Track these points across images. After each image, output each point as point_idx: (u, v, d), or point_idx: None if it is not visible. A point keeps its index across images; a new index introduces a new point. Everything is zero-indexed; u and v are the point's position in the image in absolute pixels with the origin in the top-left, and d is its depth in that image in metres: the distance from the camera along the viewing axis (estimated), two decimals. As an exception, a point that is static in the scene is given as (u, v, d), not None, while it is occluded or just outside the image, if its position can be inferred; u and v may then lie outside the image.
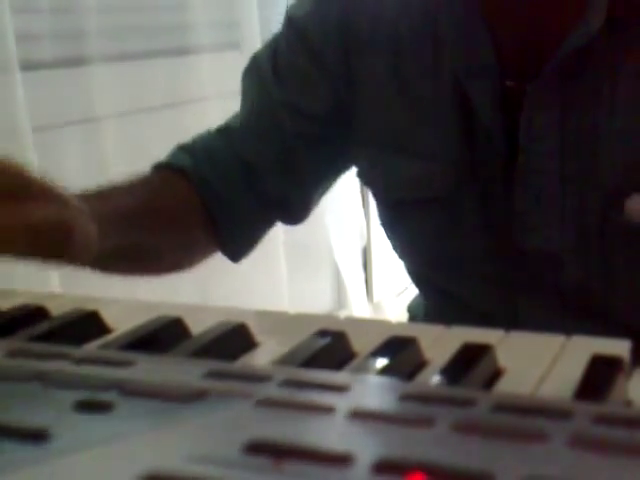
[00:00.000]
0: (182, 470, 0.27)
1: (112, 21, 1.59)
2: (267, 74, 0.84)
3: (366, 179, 0.85)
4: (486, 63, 0.72)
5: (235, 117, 0.86)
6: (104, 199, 0.66)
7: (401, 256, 0.87)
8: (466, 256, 0.78)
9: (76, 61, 1.53)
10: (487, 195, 0.75)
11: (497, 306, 0.79)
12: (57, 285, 1.40)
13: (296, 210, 0.87)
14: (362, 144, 0.82)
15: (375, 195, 0.86)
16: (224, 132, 0.84)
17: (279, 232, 1.90)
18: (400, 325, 0.54)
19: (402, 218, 0.82)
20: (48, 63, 1.50)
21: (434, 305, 0.89)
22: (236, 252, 0.85)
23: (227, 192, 0.81)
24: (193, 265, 0.83)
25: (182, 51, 1.73)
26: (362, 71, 0.80)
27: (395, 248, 0.86)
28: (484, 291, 0.79)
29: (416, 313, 0.94)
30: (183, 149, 0.83)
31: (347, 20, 0.80)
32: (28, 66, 1.41)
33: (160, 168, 0.82)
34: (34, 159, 1.38)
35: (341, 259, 2.30)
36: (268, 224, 0.87)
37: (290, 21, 0.84)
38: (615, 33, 0.68)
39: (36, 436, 0.30)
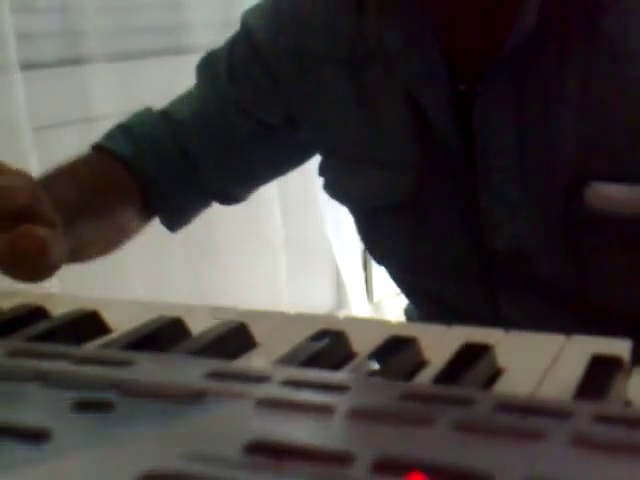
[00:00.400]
0: (182, 470, 0.27)
1: (111, 21, 1.59)
2: (222, 72, 0.85)
3: (332, 190, 0.86)
4: (436, 68, 0.73)
5: (181, 105, 0.87)
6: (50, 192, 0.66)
7: (379, 262, 0.88)
8: (441, 258, 0.79)
9: (76, 61, 1.53)
10: (452, 198, 0.76)
11: (477, 302, 0.80)
12: (57, 285, 1.40)
13: (233, 198, 0.91)
14: (325, 156, 0.84)
15: (345, 205, 0.87)
16: (168, 120, 0.86)
17: (279, 232, 1.90)
18: (400, 325, 0.54)
19: (373, 225, 0.84)
20: (48, 63, 1.50)
21: (421, 308, 0.89)
22: (172, 225, 0.89)
23: (167, 184, 0.84)
24: (120, 247, 0.85)
25: (181, 51, 1.73)
26: (319, 86, 0.81)
27: (371, 253, 0.88)
28: (464, 291, 0.80)
29: (412, 316, 0.95)
30: (125, 133, 0.84)
31: (301, 36, 0.81)
32: (28, 66, 1.41)
33: (101, 152, 0.84)
34: (34, 158, 1.38)
35: (341, 259, 2.30)
36: (204, 206, 0.90)
37: (245, 28, 0.85)
38: (554, 28, 0.68)
39: (36, 436, 0.30)
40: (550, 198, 0.72)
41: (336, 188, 0.85)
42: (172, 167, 0.84)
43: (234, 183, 0.88)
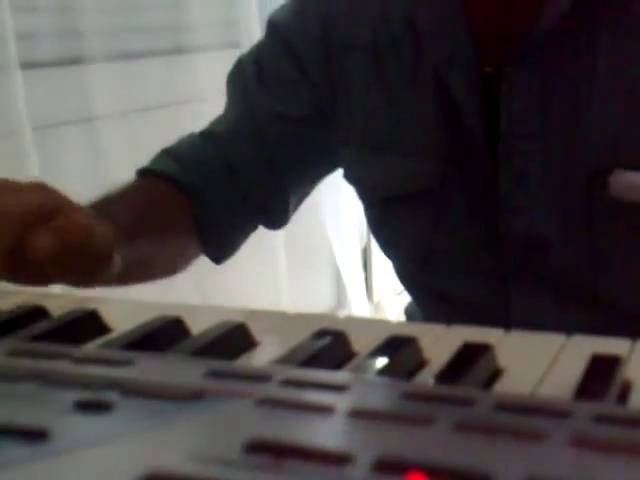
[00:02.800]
0: (182, 470, 0.27)
1: (111, 20, 1.59)
2: (251, 81, 0.85)
3: (353, 179, 0.86)
4: (464, 51, 0.73)
5: (219, 122, 0.87)
6: (103, 215, 0.66)
7: (390, 257, 0.87)
8: (455, 249, 0.79)
9: (75, 60, 1.53)
10: (472, 185, 0.76)
11: (489, 299, 0.79)
12: (57, 286, 1.40)
13: (276, 214, 0.88)
14: (348, 145, 0.83)
15: (362, 195, 0.87)
16: (209, 136, 0.85)
17: (280, 232, 1.90)
18: (400, 325, 0.54)
19: (390, 216, 0.83)
20: (48, 62, 1.50)
21: (427, 307, 0.89)
22: (219, 255, 0.87)
23: (213, 198, 0.82)
24: (183, 269, 0.84)
25: (181, 50, 1.73)
26: (344, 74, 0.81)
27: (384, 249, 0.87)
28: (475, 285, 0.80)
29: (413, 316, 0.95)
30: (168, 154, 0.84)
31: (328, 24, 0.82)
32: (28, 65, 1.41)
33: (146, 174, 0.82)
34: (34, 158, 1.38)
35: (341, 259, 2.30)
36: (251, 228, 0.88)
37: (272, 26, 0.86)
38: (586, 11, 0.68)
39: (36, 436, 0.30)
40: (572, 185, 0.71)
41: (356, 176, 0.85)
42: (217, 181, 0.83)
43: (274, 194, 0.86)
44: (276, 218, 0.88)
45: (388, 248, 0.87)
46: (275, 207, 0.87)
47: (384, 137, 0.80)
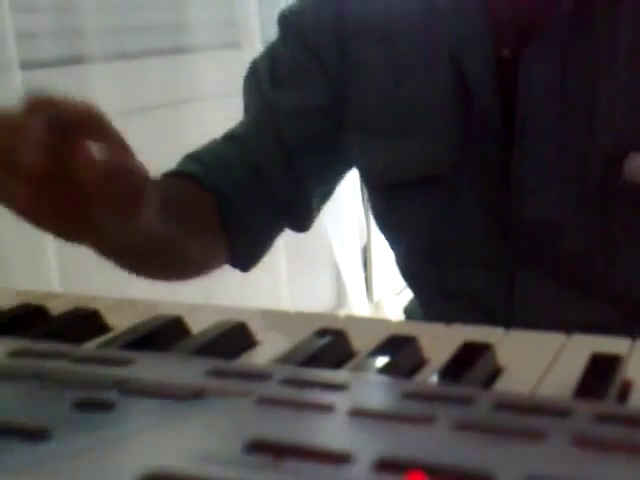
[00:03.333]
0: (183, 469, 0.27)
1: (111, 20, 1.59)
2: (265, 82, 0.85)
3: (364, 165, 0.85)
4: (480, 33, 0.73)
5: (240, 124, 0.87)
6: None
7: (394, 248, 0.87)
8: (464, 236, 0.78)
9: (76, 60, 1.53)
10: (485, 171, 0.76)
11: (493, 292, 0.79)
12: (57, 285, 1.40)
13: (301, 215, 0.87)
14: (360, 130, 0.82)
15: (371, 181, 0.85)
16: (231, 139, 0.85)
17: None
18: (400, 324, 0.54)
19: (398, 204, 0.82)
20: (48, 62, 1.50)
21: (428, 302, 0.88)
22: (247, 260, 0.86)
23: (238, 198, 0.81)
24: (209, 272, 0.83)
25: (181, 50, 1.73)
26: (358, 59, 0.81)
27: (389, 240, 0.86)
28: (480, 275, 0.79)
29: (412, 315, 0.94)
30: (192, 157, 0.83)
31: (340, 10, 0.81)
32: (28, 65, 1.41)
33: (171, 176, 0.82)
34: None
35: (341, 258, 2.30)
36: (276, 231, 0.87)
37: (285, 19, 0.86)
38: None
39: (36, 435, 0.30)
40: (587, 168, 0.71)
41: (368, 162, 0.84)
42: (241, 182, 0.82)
43: (296, 192, 0.85)
44: (300, 218, 0.87)
45: (393, 239, 0.86)
46: (299, 206, 0.86)
47: (395, 121, 0.79)
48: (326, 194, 0.89)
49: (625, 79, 0.69)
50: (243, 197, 0.82)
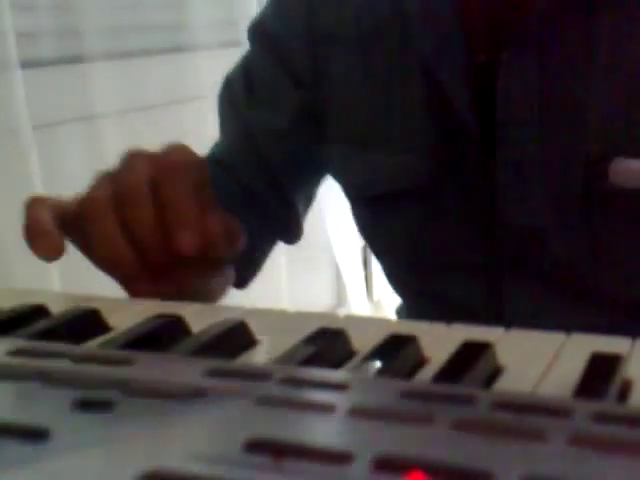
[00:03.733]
0: (182, 469, 0.27)
1: (112, 19, 1.59)
2: (239, 96, 0.84)
3: (339, 177, 0.85)
4: (453, 38, 0.72)
5: (220, 147, 0.87)
6: None
7: (380, 258, 0.86)
8: (449, 245, 0.78)
9: (76, 59, 1.53)
10: (465, 179, 0.75)
11: (482, 299, 0.78)
12: (57, 285, 1.40)
13: (292, 227, 0.88)
14: (334, 142, 0.82)
15: (349, 194, 0.85)
16: (216, 164, 0.84)
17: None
18: (400, 323, 0.54)
19: (379, 216, 0.82)
20: (48, 61, 1.50)
21: (418, 312, 0.88)
22: (245, 280, 0.87)
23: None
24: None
25: (182, 49, 1.73)
26: (330, 70, 0.80)
27: (374, 250, 0.86)
28: (467, 283, 0.78)
29: (404, 317, 0.94)
30: None
31: (311, 21, 0.80)
32: (28, 64, 1.41)
33: None
34: (34, 157, 1.38)
35: (341, 257, 2.30)
36: (271, 246, 0.88)
37: (255, 29, 0.86)
38: None
39: (36, 435, 0.30)
40: (571, 173, 0.70)
41: (346, 176, 0.84)
42: (233, 201, 0.81)
43: (287, 209, 0.86)
44: (292, 230, 0.89)
45: (378, 249, 0.86)
46: (289, 220, 0.87)
47: (369, 132, 0.78)
48: (310, 199, 0.90)
49: (606, 82, 0.68)
50: (241, 217, 0.83)
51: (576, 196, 0.71)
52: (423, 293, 0.84)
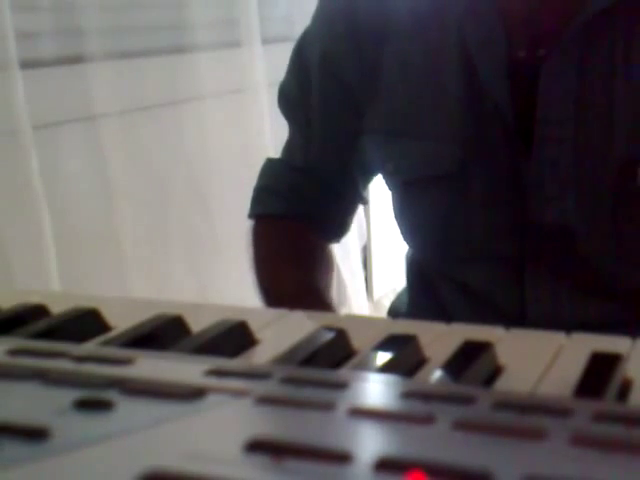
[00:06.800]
0: (182, 468, 0.27)
1: (112, 19, 1.59)
2: (313, 64, 0.87)
3: (376, 165, 0.87)
4: (495, 34, 0.74)
5: (291, 150, 0.92)
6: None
7: (410, 243, 0.88)
8: (475, 234, 0.79)
9: (76, 59, 1.53)
10: (494, 171, 0.76)
11: (503, 287, 0.79)
12: (57, 285, 1.40)
13: (356, 197, 0.94)
14: (372, 131, 0.84)
15: (385, 180, 0.88)
16: (292, 167, 0.91)
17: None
18: (400, 323, 0.54)
19: (411, 201, 0.84)
20: (48, 61, 1.50)
21: (441, 298, 0.88)
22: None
23: (323, 214, 0.91)
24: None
25: (182, 49, 1.73)
26: (371, 60, 0.82)
27: (405, 235, 0.88)
28: (490, 271, 0.80)
29: (397, 314, 0.95)
30: (270, 194, 0.91)
31: (353, 20, 0.82)
32: (28, 64, 1.41)
33: (269, 219, 0.91)
34: (34, 157, 1.38)
35: (341, 257, 2.30)
36: (354, 213, 0.96)
37: (300, 48, 0.88)
38: (628, 2, 0.69)
39: (36, 434, 0.30)
40: (602, 174, 0.72)
41: (380, 161, 0.86)
42: (319, 199, 0.90)
43: (351, 183, 0.92)
44: (358, 200, 0.95)
45: (408, 234, 0.87)
46: (353, 193, 0.93)
47: (405, 121, 0.80)
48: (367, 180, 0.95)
49: (638, 86, 0.70)
50: (329, 215, 0.91)
51: (605, 196, 0.72)
52: (448, 280, 0.85)
